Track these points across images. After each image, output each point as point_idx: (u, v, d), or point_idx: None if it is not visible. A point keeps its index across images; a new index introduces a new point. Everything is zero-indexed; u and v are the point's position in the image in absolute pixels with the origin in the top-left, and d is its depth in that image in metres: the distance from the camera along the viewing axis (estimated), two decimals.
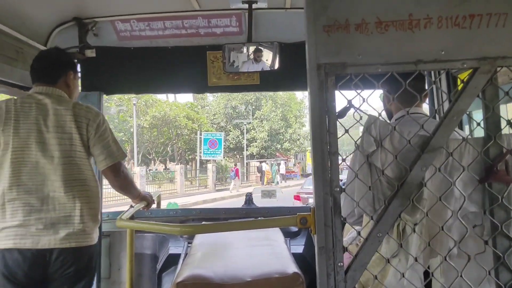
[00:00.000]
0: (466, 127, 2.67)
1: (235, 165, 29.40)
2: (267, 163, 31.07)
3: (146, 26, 2.87)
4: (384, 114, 1.69)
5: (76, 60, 2.87)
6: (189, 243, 2.73)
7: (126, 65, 2.96)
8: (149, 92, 6.66)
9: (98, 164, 2.09)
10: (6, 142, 1.95)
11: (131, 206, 2.35)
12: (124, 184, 2.21)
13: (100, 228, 2.77)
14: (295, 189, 18.28)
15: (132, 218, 2.19)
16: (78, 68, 2.92)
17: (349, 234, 2.12)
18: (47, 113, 2.00)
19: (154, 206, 2.57)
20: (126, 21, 2.85)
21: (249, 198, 3.64)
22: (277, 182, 29.19)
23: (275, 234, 2.55)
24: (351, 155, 1.76)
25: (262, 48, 2.81)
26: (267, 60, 2.82)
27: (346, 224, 1.60)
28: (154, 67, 2.97)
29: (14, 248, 1.89)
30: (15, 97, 2.08)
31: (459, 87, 1.39)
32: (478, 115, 1.53)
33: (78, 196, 1.99)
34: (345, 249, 1.35)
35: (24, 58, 2.48)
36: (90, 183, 2.06)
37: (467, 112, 1.37)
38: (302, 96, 36.96)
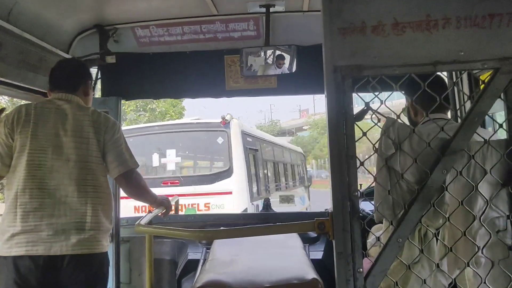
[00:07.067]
0: (490, 129, 2.60)
1: None
2: None
3: (165, 31, 2.91)
4: (402, 116, 1.65)
5: (96, 66, 2.94)
6: (207, 248, 2.73)
7: (145, 71, 3.00)
8: (167, 97, 6.73)
9: (110, 172, 2.09)
10: (22, 145, 1.96)
11: (149, 212, 2.36)
12: (136, 191, 2.23)
13: (118, 233, 2.81)
14: None
15: (150, 223, 2.19)
16: (99, 74, 2.99)
17: (372, 236, 2.08)
18: (66, 118, 2.04)
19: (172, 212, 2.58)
20: (146, 27, 2.89)
21: (267, 204, 3.62)
22: None
23: (294, 240, 2.53)
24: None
25: (283, 54, 2.80)
26: (284, 63, 2.81)
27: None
28: (172, 72, 3.00)
29: (26, 255, 1.89)
30: (35, 102, 2.11)
31: (481, 88, 1.35)
32: (502, 116, 1.49)
33: (91, 202, 2.00)
34: (364, 255, 1.33)
35: (47, 65, 2.53)
36: (104, 189, 2.07)
37: (490, 114, 1.34)
38: None
